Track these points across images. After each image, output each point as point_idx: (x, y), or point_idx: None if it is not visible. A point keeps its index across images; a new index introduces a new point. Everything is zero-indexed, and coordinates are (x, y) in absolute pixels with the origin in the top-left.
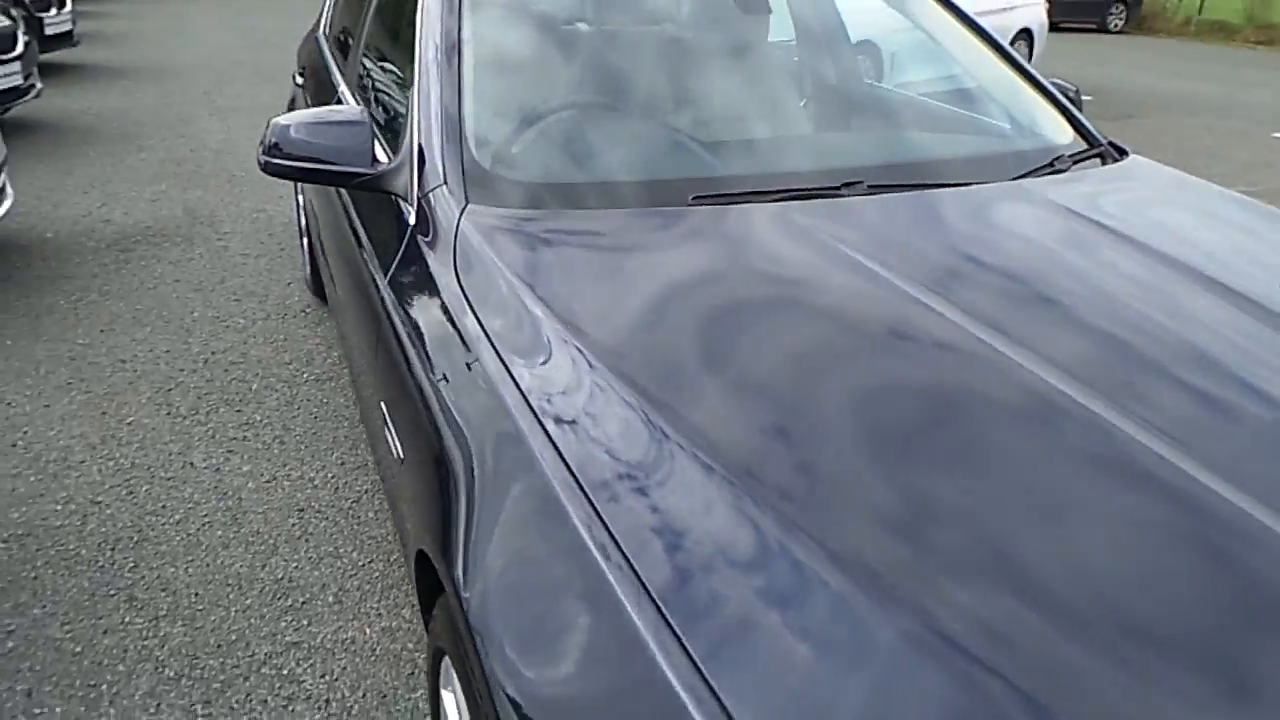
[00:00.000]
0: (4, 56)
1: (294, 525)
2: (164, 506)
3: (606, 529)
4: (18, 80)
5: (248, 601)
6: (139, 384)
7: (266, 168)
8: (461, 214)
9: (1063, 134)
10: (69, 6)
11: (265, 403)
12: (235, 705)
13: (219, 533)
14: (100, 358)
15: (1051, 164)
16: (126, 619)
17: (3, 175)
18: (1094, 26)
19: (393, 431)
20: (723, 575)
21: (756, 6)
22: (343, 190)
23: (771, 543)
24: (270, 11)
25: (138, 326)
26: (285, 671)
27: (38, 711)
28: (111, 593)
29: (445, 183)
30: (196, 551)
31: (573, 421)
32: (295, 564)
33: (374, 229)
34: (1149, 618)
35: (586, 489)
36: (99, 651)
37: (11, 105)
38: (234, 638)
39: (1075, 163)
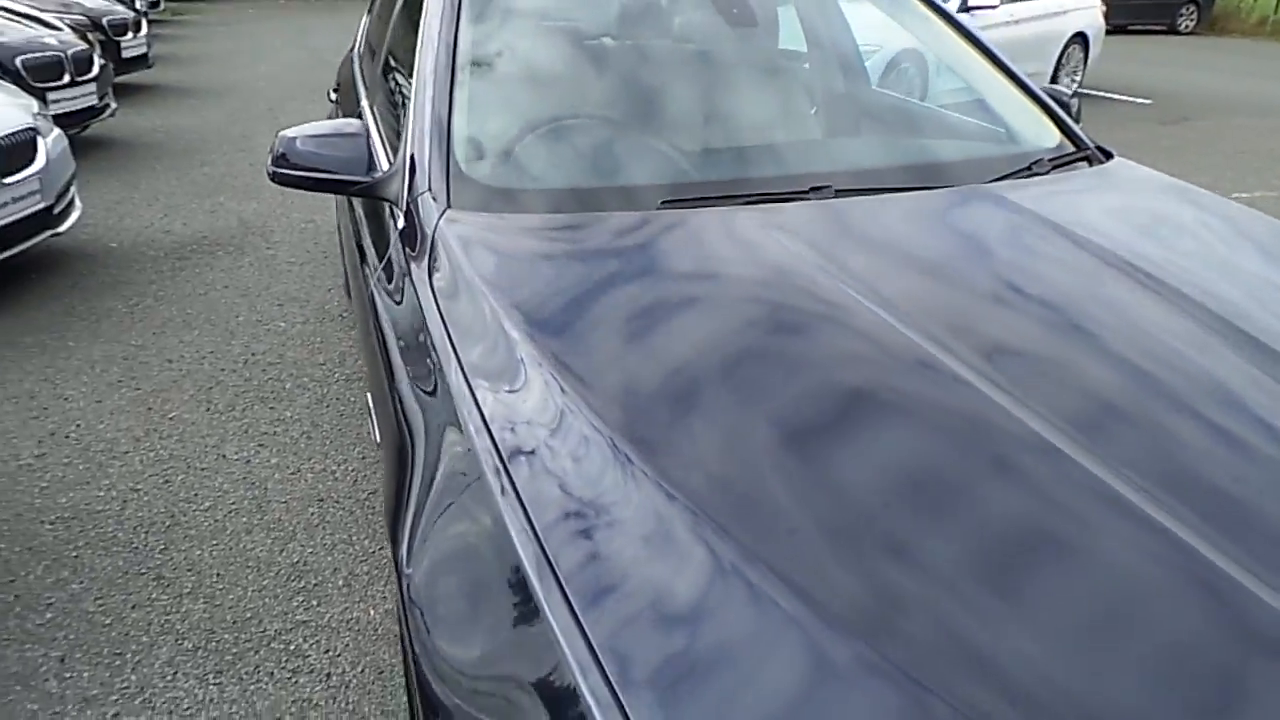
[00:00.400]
0: (80, 78)
1: (313, 514)
2: (195, 495)
3: (531, 524)
4: (93, 100)
5: (264, 583)
6: (183, 382)
7: (274, 177)
8: (440, 217)
9: (1048, 138)
10: (145, 31)
11: (297, 401)
12: (244, 676)
13: (244, 519)
14: (150, 358)
15: (1029, 167)
16: (153, 595)
17: (72, 189)
18: (1164, 28)
19: (373, 419)
20: (619, 555)
21: (743, 19)
22: (355, 199)
23: (687, 543)
24: (336, 33)
25: (186, 329)
26: (293, 647)
27: (68, 675)
28: (142, 571)
29: (430, 188)
30: (221, 536)
31: (519, 420)
32: (311, 549)
33: (371, 234)
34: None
35: (517, 483)
36: (126, 624)
37: (88, 124)
38: (249, 615)
39: (1055, 166)
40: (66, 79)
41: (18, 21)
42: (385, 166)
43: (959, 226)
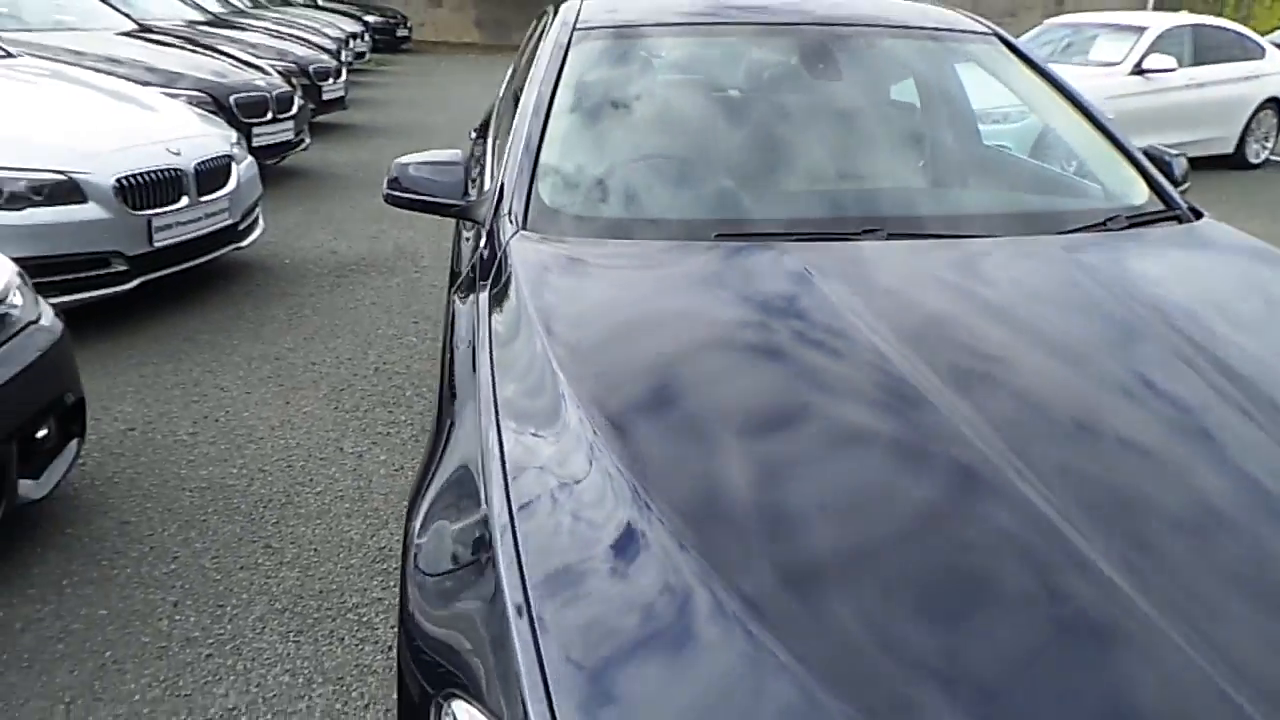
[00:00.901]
0: (281, 115)
1: (405, 507)
2: (311, 479)
3: (511, 518)
4: (290, 135)
5: (352, 561)
6: (320, 383)
7: (387, 199)
8: (512, 237)
9: (1135, 196)
10: (344, 77)
11: (413, 407)
12: (320, 638)
13: (346, 505)
14: (297, 360)
15: (1104, 223)
16: (259, 560)
17: (257, 210)
18: None
19: (435, 409)
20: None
21: (826, 74)
22: (460, 222)
23: (639, 536)
24: None
25: (332, 337)
26: (365, 620)
27: (177, 618)
28: (254, 540)
29: (510, 211)
30: (325, 517)
31: (529, 417)
32: (397, 538)
33: (462, 253)
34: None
35: (509, 479)
36: (232, 581)
37: (285, 155)
38: (334, 587)
39: (1133, 224)
40: (269, 116)
41: (237, 66)
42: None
43: (994, 274)
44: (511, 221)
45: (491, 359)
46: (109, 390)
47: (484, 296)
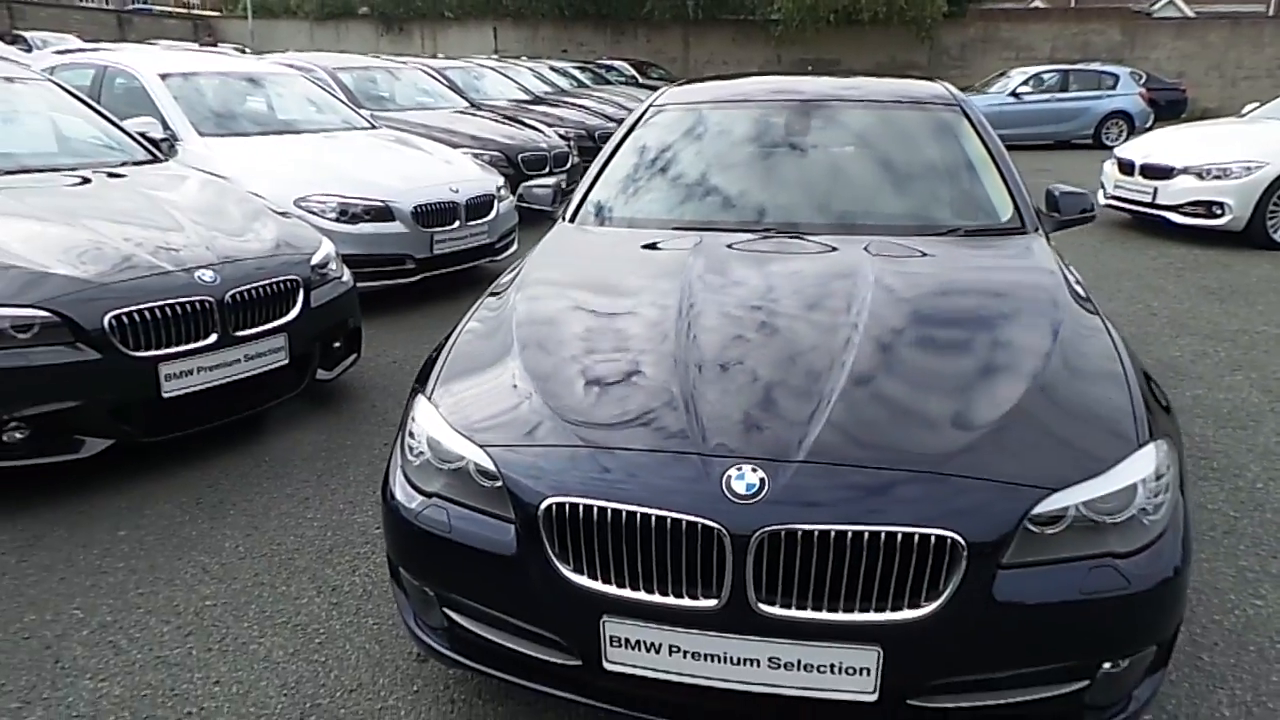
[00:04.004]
0: (557, 169)
1: None
2: None
3: (452, 341)
4: (564, 183)
5: None
6: None
7: (517, 205)
8: (555, 224)
9: (1000, 216)
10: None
11: None
12: None
13: None
14: None
15: (950, 230)
16: None
17: (513, 234)
18: None
19: None
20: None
21: (798, 132)
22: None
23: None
24: None
25: None
26: None
27: (387, 445)
28: None
29: (565, 211)
30: None
31: (532, 319)
32: None
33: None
34: None
35: (462, 325)
36: None
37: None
38: None
39: (973, 233)
40: (546, 170)
41: (524, 128)
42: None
43: (829, 253)
44: (563, 216)
45: (515, 295)
46: (390, 340)
47: (528, 255)
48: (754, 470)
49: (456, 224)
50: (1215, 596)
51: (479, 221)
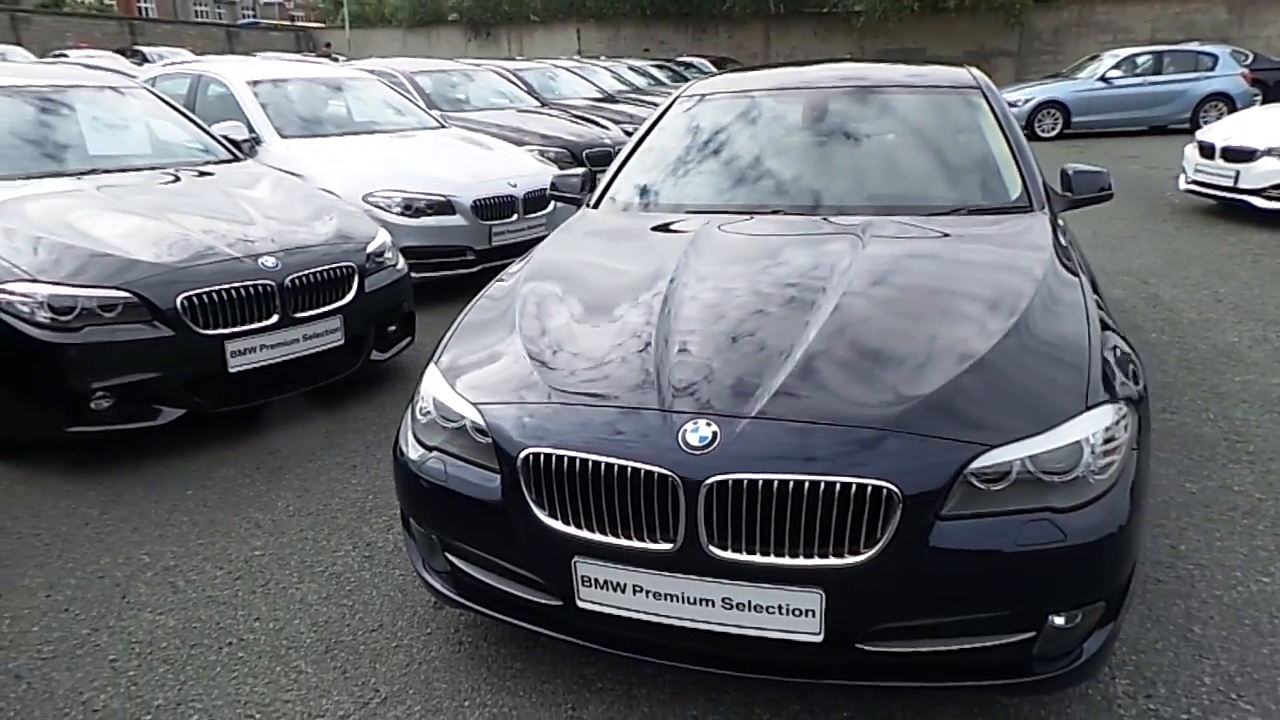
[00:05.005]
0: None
1: None
2: None
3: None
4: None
5: None
6: None
7: (549, 194)
8: (580, 209)
9: (1010, 195)
10: None
11: None
12: None
13: None
14: None
15: (951, 210)
16: None
17: None
18: None
19: None
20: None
21: (815, 121)
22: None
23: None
24: None
25: None
26: None
27: None
28: None
29: (589, 199)
30: None
31: (535, 294)
32: None
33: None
34: None
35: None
36: None
37: None
38: None
39: (978, 211)
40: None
41: (592, 126)
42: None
43: (833, 230)
44: (588, 203)
45: (522, 272)
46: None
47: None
48: (708, 424)
49: (515, 217)
50: (1220, 573)
51: (537, 214)
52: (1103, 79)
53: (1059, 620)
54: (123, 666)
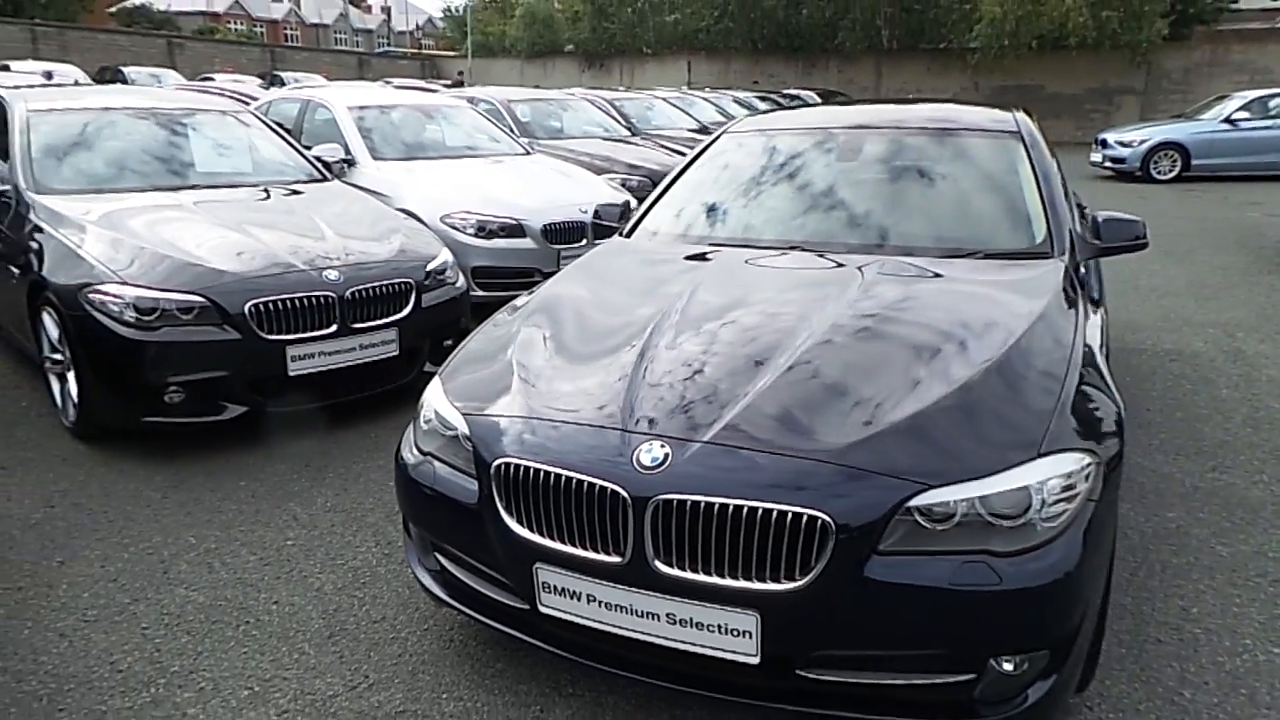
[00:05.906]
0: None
1: None
2: None
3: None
4: None
5: None
6: None
7: (593, 225)
8: (616, 234)
9: (1033, 240)
10: None
11: None
12: None
13: None
14: None
15: (971, 254)
16: None
17: None
18: None
19: None
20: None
21: (848, 156)
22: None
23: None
24: None
25: None
26: None
27: None
28: None
29: (627, 229)
30: None
31: (539, 314)
32: None
33: None
34: None
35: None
36: None
37: None
38: None
39: (994, 256)
40: None
41: (677, 155)
42: None
43: (844, 269)
44: (619, 233)
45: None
46: None
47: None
48: (661, 446)
49: (584, 241)
50: (1229, 639)
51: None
52: (1228, 120)
53: (1006, 665)
54: (151, 634)
